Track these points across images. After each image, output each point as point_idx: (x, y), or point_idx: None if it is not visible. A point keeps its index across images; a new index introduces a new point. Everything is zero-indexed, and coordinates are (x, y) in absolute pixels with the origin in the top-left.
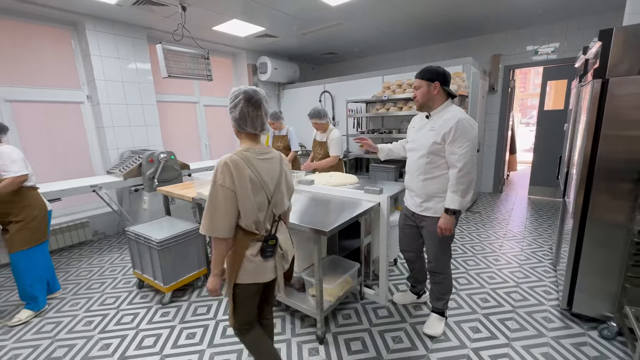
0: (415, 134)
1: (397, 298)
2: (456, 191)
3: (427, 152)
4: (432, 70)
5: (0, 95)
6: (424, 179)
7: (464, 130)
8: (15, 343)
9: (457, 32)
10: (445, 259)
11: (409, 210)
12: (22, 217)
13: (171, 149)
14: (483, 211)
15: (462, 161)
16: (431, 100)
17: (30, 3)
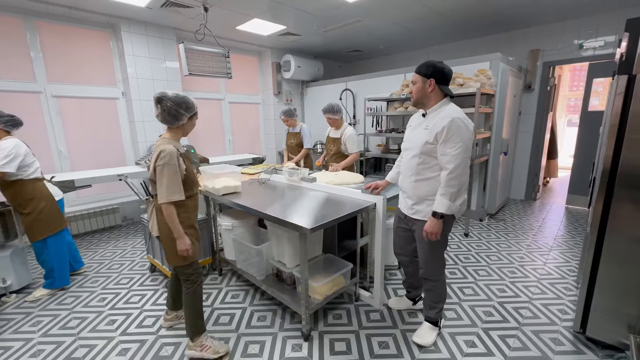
0: (410, 133)
1: (392, 303)
2: (445, 194)
3: (419, 152)
4: (429, 65)
5: (49, 91)
6: (416, 180)
7: (458, 130)
8: (40, 311)
9: (489, 27)
10: (436, 265)
11: (401, 212)
12: (29, 210)
13: (196, 143)
14: (509, 219)
15: (454, 163)
16: (426, 98)
17: (78, 9)
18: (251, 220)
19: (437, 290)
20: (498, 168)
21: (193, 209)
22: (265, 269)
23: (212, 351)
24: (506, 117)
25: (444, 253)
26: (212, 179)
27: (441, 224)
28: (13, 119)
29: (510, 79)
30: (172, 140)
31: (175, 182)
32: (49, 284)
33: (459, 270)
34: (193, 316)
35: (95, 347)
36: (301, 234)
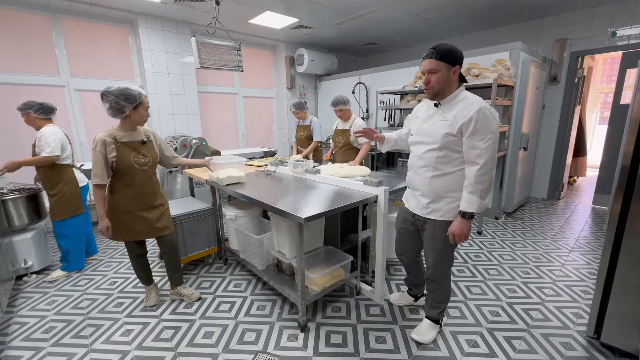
0: (420, 124)
1: (393, 298)
2: (475, 191)
3: (439, 146)
4: (451, 50)
5: (72, 85)
6: (433, 176)
7: (486, 121)
8: (56, 291)
9: (512, 15)
10: (444, 267)
11: (408, 212)
12: (55, 192)
13: (210, 136)
14: (527, 218)
15: (485, 157)
16: (448, 88)
17: (99, 6)
18: (255, 210)
19: (442, 292)
20: (517, 164)
21: (132, 197)
22: (267, 259)
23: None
24: (527, 111)
25: (453, 252)
26: (218, 170)
27: (470, 225)
28: (42, 106)
29: (532, 70)
30: (117, 130)
31: (97, 167)
32: (65, 267)
33: (468, 269)
34: (137, 275)
35: (101, 327)
36: (297, 224)
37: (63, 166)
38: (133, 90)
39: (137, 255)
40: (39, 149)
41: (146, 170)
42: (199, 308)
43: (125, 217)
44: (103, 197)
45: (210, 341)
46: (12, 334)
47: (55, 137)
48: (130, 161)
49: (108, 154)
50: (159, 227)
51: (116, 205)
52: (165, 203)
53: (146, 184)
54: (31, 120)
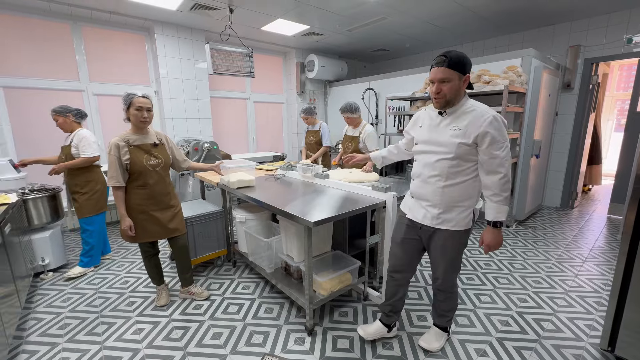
0: (428, 133)
1: (363, 330)
2: (501, 200)
3: (454, 156)
4: (463, 57)
5: (91, 90)
6: (445, 186)
7: (501, 130)
8: (71, 289)
9: (525, 22)
10: (454, 277)
11: (414, 223)
12: (87, 190)
13: (221, 140)
14: (540, 227)
15: (506, 165)
16: (457, 97)
17: (118, 14)
18: (264, 214)
19: (451, 300)
20: (528, 172)
21: (146, 197)
22: (275, 262)
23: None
24: (539, 118)
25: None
26: (228, 173)
27: (501, 234)
28: (80, 111)
29: (544, 77)
30: (129, 133)
31: (112, 170)
32: (85, 263)
33: (477, 277)
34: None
35: (114, 325)
36: (306, 228)
37: (94, 166)
38: (127, 93)
39: (149, 255)
40: (79, 150)
41: (159, 172)
42: (207, 309)
43: (139, 217)
44: (122, 197)
45: (218, 342)
46: (30, 329)
47: (94, 138)
48: (142, 163)
49: (122, 157)
50: (171, 227)
51: (131, 205)
52: (178, 205)
53: (159, 185)
54: (68, 123)
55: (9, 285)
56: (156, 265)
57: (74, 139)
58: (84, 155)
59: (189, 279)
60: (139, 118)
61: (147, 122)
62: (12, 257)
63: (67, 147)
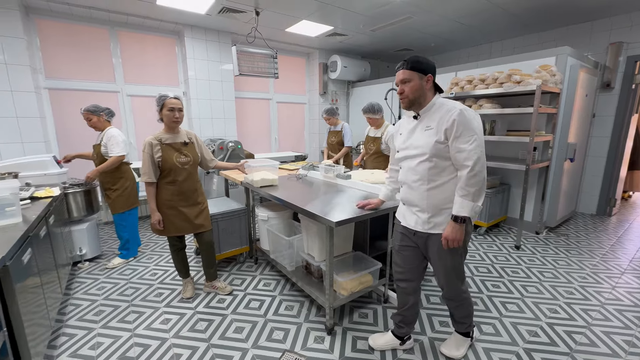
0: (406, 139)
1: (373, 340)
2: (466, 195)
3: (429, 156)
4: (421, 60)
5: (125, 91)
6: (429, 189)
7: (468, 122)
8: (105, 279)
9: (560, 18)
10: (457, 282)
11: (408, 230)
12: (118, 187)
13: (244, 140)
14: (573, 234)
15: (473, 158)
16: (422, 97)
17: (151, 19)
18: (286, 213)
19: (463, 307)
20: (561, 176)
21: (175, 193)
22: (296, 261)
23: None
24: (574, 119)
25: (464, 265)
26: (252, 172)
27: (463, 229)
28: (110, 110)
29: (581, 76)
30: (162, 132)
31: (145, 167)
32: (124, 255)
33: (504, 284)
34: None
35: (143, 314)
36: (328, 228)
37: (124, 163)
38: (160, 95)
39: (177, 248)
40: (107, 149)
41: (187, 169)
42: (230, 303)
43: (169, 212)
44: (153, 193)
45: (240, 336)
46: (69, 313)
47: (122, 138)
48: (173, 160)
49: (154, 155)
50: (197, 223)
51: (161, 200)
52: (205, 202)
53: (187, 182)
54: (100, 122)
55: (52, 272)
56: (183, 259)
57: (104, 138)
58: (111, 154)
59: (213, 274)
60: (171, 118)
61: (178, 121)
62: (55, 246)
63: (98, 146)
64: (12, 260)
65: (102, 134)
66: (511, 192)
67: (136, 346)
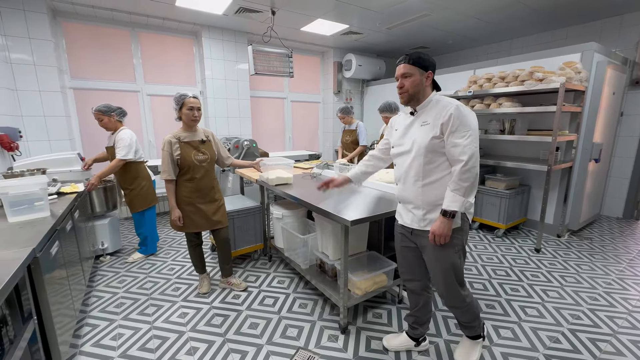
0: (402, 136)
1: (387, 341)
2: (458, 189)
3: (425, 151)
4: (422, 56)
5: (145, 91)
6: (424, 185)
7: (464, 118)
8: (126, 272)
9: (586, 13)
10: (458, 291)
11: (405, 228)
12: (134, 186)
13: (259, 139)
14: (597, 238)
15: (467, 153)
16: (421, 92)
17: (170, 20)
18: (300, 211)
19: (467, 313)
20: (586, 177)
21: (193, 190)
22: (310, 259)
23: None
24: (600, 118)
25: (463, 267)
26: (267, 170)
27: (451, 225)
28: (121, 110)
29: (608, 73)
30: (180, 131)
31: (165, 164)
32: (143, 250)
33: (523, 288)
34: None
35: (162, 308)
36: (343, 227)
37: (138, 163)
38: (179, 94)
39: (194, 244)
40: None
41: (205, 166)
42: (245, 299)
43: (187, 209)
44: (173, 190)
45: (255, 332)
46: (92, 305)
47: (131, 140)
48: (191, 158)
49: (173, 153)
50: (215, 220)
51: (180, 197)
52: (221, 199)
53: (205, 179)
54: (111, 122)
55: (77, 264)
56: (199, 255)
57: (115, 140)
58: (117, 156)
59: (229, 270)
60: (190, 117)
61: (197, 120)
62: (79, 240)
63: (112, 148)
64: (42, 252)
65: (114, 135)
66: (531, 193)
67: (155, 338)
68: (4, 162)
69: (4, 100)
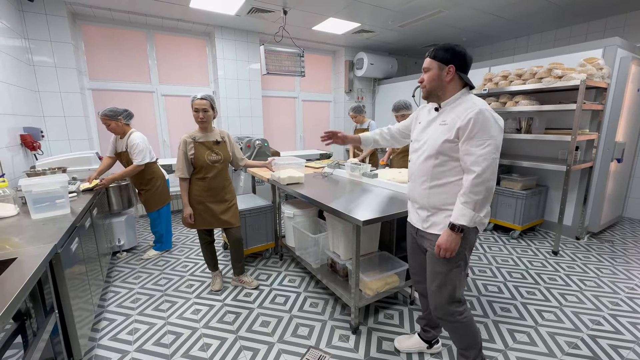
0: (421, 131)
1: (398, 342)
2: (468, 202)
3: (435, 152)
4: (447, 49)
5: (160, 91)
6: (430, 187)
7: (485, 124)
8: (141, 269)
9: (608, 6)
10: (448, 298)
11: (412, 227)
12: (149, 187)
13: (270, 138)
14: (619, 241)
15: (482, 165)
16: (441, 89)
17: (184, 21)
18: (312, 210)
19: (458, 334)
20: (607, 178)
21: (204, 189)
22: (321, 258)
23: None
24: (623, 116)
25: (463, 281)
26: (279, 169)
27: (459, 240)
28: (128, 112)
29: (632, 69)
30: (197, 131)
31: (179, 163)
32: (158, 247)
33: (540, 291)
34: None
35: (176, 304)
36: (355, 227)
37: (152, 163)
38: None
39: (206, 242)
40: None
41: (217, 167)
42: (257, 298)
43: (197, 207)
44: (186, 188)
45: (266, 330)
46: (109, 299)
47: (144, 144)
48: (204, 158)
49: (188, 152)
50: (223, 219)
51: (191, 195)
52: (233, 199)
53: (217, 179)
54: (119, 126)
55: (95, 260)
56: (212, 253)
57: (127, 145)
58: (134, 162)
59: (241, 268)
60: (196, 118)
61: (203, 121)
62: (97, 236)
63: (125, 154)
64: (63, 248)
65: (125, 140)
66: (549, 194)
67: (169, 334)
68: (27, 161)
69: (27, 101)
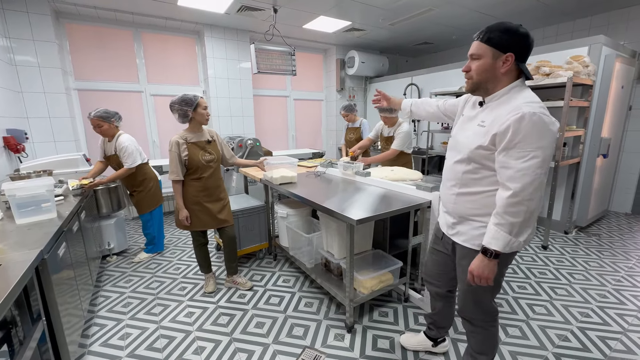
0: (460, 127)
1: (404, 339)
2: (503, 224)
3: (466, 158)
4: (506, 29)
5: (148, 91)
6: (458, 193)
7: (532, 131)
8: (132, 272)
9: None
10: (475, 305)
11: (439, 230)
12: (142, 188)
13: (262, 137)
14: (605, 234)
15: (520, 181)
16: (492, 81)
17: (173, 19)
18: (305, 210)
19: (480, 339)
20: (593, 173)
21: (200, 189)
22: (315, 258)
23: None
24: (609, 113)
25: (493, 299)
26: (271, 169)
27: (495, 267)
28: (119, 115)
29: (617, 67)
30: (187, 132)
31: (173, 165)
32: (149, 250)
33: (531, 285)
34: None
35: (168, 307)
36: (348, 226)
37: (143, 165)
38: (189, 95)
39: (200, 243)
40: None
41: (212, 166)
42: (251, 299)
43: (194, 208)
44: (180, 190)
45: (261, 331)
46: (99, 304)
47: (133, 146)
48: (198, 158)
49: (181, 153)
50: (220, 218)
51: (187, 196)
52: (227, 198)
53: (212, 178)
54: (111, 129)
55: (84, 265)
56: (205, 254)
57: (117, 148)
58: (125, 165)
59: (234, 268)
60: (205, 116)
61: (208, 119)
62: (86, 240)
63: (116, 157)
64: (49, 254)
65: (114, 143)
66: None
67: (162, 338)
68: (11, 164)
69: (9, 102)
